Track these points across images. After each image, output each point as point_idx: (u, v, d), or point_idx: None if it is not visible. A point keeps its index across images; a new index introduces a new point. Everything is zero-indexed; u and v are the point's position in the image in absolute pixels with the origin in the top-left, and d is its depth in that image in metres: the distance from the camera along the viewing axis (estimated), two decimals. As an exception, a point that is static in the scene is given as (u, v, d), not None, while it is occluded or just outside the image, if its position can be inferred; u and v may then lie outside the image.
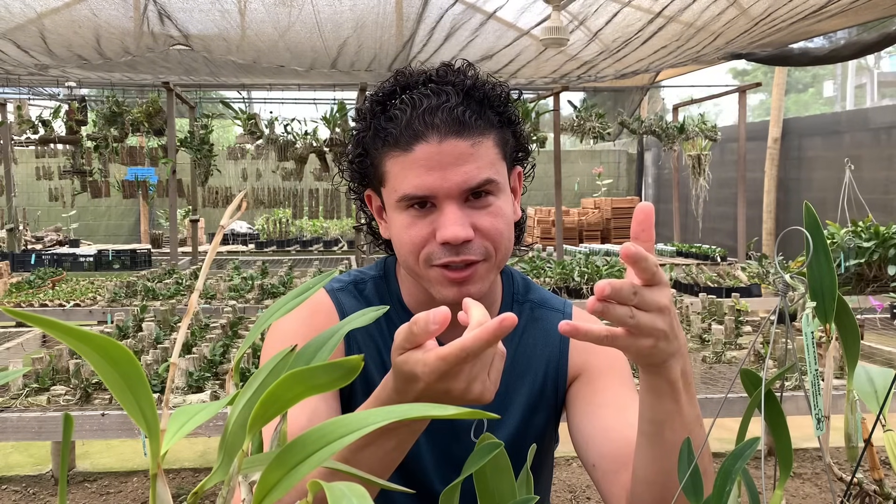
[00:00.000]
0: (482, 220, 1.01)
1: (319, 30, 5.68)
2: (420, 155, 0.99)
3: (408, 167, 1.00)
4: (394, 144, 1.01)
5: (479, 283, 1.04)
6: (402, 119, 1.00)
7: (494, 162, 1.03)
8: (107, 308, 4.55)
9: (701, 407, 2.87)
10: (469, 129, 1.00)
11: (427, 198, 1.00)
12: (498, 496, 0.72)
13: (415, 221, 1.02)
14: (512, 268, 1.26)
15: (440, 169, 0.99)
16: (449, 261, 1.01)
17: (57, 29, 5.58)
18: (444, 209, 1.00)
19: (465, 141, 1.00)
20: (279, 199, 8.46)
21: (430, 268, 1.03)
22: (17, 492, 3.58)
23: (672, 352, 0.81)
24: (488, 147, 1.03)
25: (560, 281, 5.13)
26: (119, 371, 0.47)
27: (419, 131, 0.99)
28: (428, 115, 0.99)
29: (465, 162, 0.99)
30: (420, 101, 1.00)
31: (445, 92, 1.01)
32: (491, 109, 1.05)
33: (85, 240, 10.71)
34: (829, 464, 0.86)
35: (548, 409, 1.18)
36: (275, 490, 0.49)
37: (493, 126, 1.04)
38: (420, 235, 1.01)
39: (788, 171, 9.27)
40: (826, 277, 0.83)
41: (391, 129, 1.01)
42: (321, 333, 0.65)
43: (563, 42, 4.53)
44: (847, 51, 5.80)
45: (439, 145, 0.99)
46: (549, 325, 1.19)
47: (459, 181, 0.99)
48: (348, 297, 1.16)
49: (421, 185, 0.99)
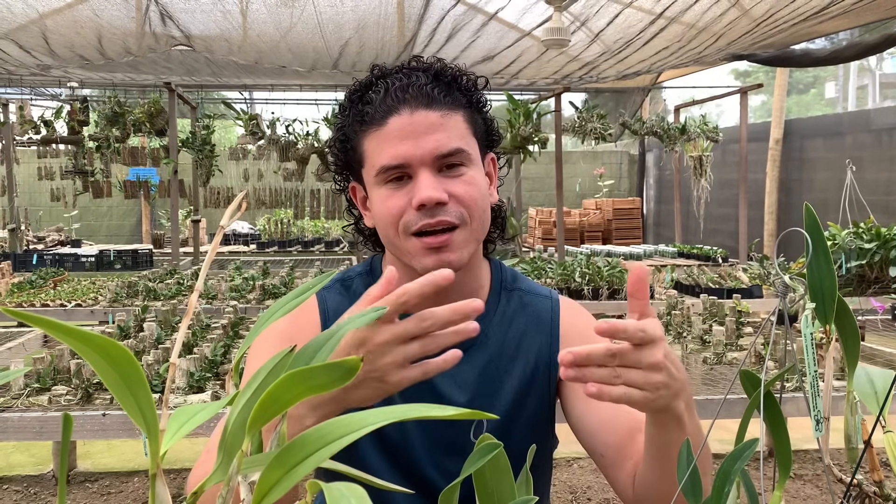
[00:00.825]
0: (456, 186, 1.07)
1: (321, 30, 5.68)
2: (393, 126, 1.06)
3: (383, 140, 1.07)
4: (370, 122, 1.09)
5: (457, 251, 1.07)
6: (377, 99, 1.08)
7: (464, 135, 1.10)
8: (108, 308, 4.55)
9: (701, 408, 2.84)
10: (438, 103, 1.08)
11: (402, 167, 1.06)
12: (497, 496, 0.72)
13: (392, 193, 1.07)
14: (500, 261, 1.30)
15: (413, 138, 1.05)
16: (425, 223, 1.05)
17: (59, 29, 5.59)
18: (419, 176, 1.05)
19: (435, 112, 1.07)
20: (280, 199, 8.47)
21: (409, 238, 1.07)
22: (19, 491, 3.58)
23: (674, 394, 0.83)
24: (457, 121, 1.10)
25: (561, 282, 5.14)
26: (119, 371, 0.47)
27: (391, 106, 1.07)
28: (399, 91, 1.07)
29: (435, 131, 1.06)
30: (393, 83, 1.09)
31: (416, 74, 1.10)
32: (459, 91, 1.12)
33: (86, 240, 10.72)
34: (828, 465, 0.86)
35: (540, 393, 1.19)
36: (274, 490, 0.49)
37: (461, 105, 1.12)
38: (398, 205, 1.06)
39: (790, 173, 9.27)
40: (826, 278, 0.83)
41: (367, 110, 1.09)
42: (320, 334, 0.65)
43: (565, 43, 4.53)
44: (849, 52, 5.79)
45: (411, 116, 1.06)
46: (538, 310, 1.23)
47: (431, 148, 1.05)
48: (333, 294, 1.21)
49: (396, 155, 1.05)
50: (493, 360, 1.18)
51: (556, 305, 1.24)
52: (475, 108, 1.15)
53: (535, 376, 1.19)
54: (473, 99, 1.14)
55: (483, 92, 1.18)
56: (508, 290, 1.24)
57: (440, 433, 1.15)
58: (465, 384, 1.16)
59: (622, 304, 4.94)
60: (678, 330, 3.72)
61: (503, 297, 1.22)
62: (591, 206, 12.17)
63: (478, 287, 1.20)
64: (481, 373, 1.17)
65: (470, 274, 1.17)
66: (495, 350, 1.18)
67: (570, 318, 1.23)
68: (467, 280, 1.17)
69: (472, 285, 1.18)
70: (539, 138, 6.57)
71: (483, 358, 1.17)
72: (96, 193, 7.98)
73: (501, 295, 1.22)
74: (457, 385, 1.16)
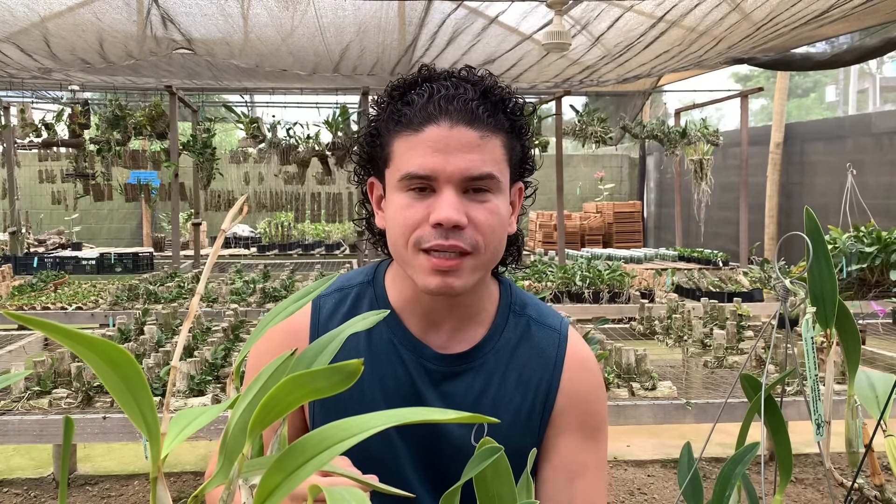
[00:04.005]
0: (478, 212, 1.02)
1: (322, 34, 5.69)
2: (429, 136, 1.01)
3: (415, 146, 1.02)
4: (406, 125, 1.04)
5: (463, 278, 1.02)
6: (419, 103, 1.03)
7: (499, 161, 1.05)
8: (109, 311, 4.55)
9: (702, 412, 2.84)
10: (480, 123, 1.02)
11: (428, 179, 1.01)
12: (498, 500, 0.72)
13: (412, 203, 1.03)
14: (511, 280, 1.25)
15: (446, 153, 1.00)
16: (437, 244, 1.00)
17: (60, 33, 5.60)
18: (443, 193, 1.01)
19: (475, 132, 1.02)
20: (281, 202, 8.48)
21: (417, 253, 1.03)
22: (19, 495, 3.58)
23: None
24: (496, 145, 1.04)
25: (562, 285, 5.14)
26: (120, 374, 0.47)
27: (432, 114, 1.02)
28: (444, 101, 1.02)
29: (471, 151, 1.01)
30: (438, 90, 1.03)
31: (464, 86, 1.04)
32: (504, 113, 1.06)
33: (87, 243, 10.72)
34: (829, 469, 0.85)
35: (532, 432, 1.14)
36: (275, 493, 0.49)
37: (503, 129, 1.06)
38: (415, 217, 1.02)
39: (790, 176, 9.27)
40: (826, 282, 0.83)
41: (406, 111, 1.04)
42: (322, 338, 0.65)
43: (566, 47, 4.54)
44: (849, 56, 5.79)
45: (449, 130, 1.01)
46: (543, 344, 1.16)
47: (463, 167, 1.00)
48: (329, 301, 1.17)
49: (425, 165, 1.01)
50: (489, 388, 1.12)
51: (564, 343, 1.17)
52: (516, 134, 1.09)
53: (531, 415, 1.13)
54: (517, 124, 1.09)
55: (526, 118, 1.12)
56: (517, 314, 1.18)
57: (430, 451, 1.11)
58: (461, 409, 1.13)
59: (623, 308, 4.94)
60: (679, 334, 3.72)
61: (511, 321, 1.16)
62: (592, 210, 12.17)
63: (480, 309, 1.15)
64: (476, 400, 1.11)
65: (473, 296, 1.12)
66: (494, 377, 1.13)
67: (575, 374, 1.15)
68: (470, 301, 1.12)
69: (474, 307, 1.14)
70: (540, 142, 6.58)
71: (478, 383, 1.12)
72: (97, 196, 7.98)
73: (509, 319, 1.16)
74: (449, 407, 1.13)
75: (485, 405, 1.11)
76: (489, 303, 1.16)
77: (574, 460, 1.11)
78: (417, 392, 1.10)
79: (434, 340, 1.13)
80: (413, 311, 1.12)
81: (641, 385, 2.82)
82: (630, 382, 2.84)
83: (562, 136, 7.63)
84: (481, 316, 1.15)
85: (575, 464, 1.11)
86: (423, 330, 1.12)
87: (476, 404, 1.11)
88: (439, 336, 1.13)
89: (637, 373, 2.89)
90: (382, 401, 1.10)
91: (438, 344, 1.12)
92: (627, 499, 3.57)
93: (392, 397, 1.09)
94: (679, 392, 2.83)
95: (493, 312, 1.16)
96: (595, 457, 1.13)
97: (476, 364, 1.12)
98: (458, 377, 1.12)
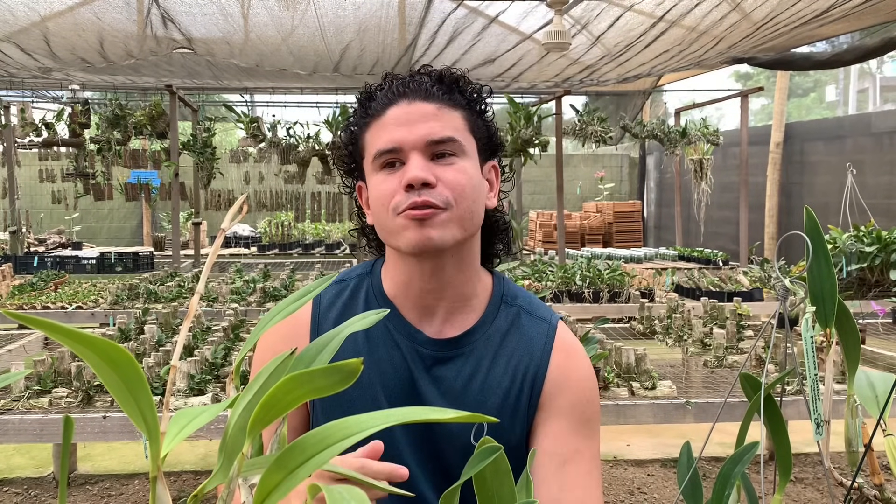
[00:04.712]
0: (445, 172, 1.09)
1: (322, 33, 5.69)
2: (391, 116, 1.11)
3: (381, 128, 1.12)
4: (372, 115, 1.14)
5: (439, 229, 1.07)
6: (380, 95, 1.15)
7: (459, 129, 1.13)
8: (109, 311, 4.55)
9: (702, 411, 2.84)
10: (436, 98, 1.12)
11: (395, 152, 1.10)
12: (498, 500, 0.72)
13: (386, 178, 1.11)
14: (504, 275, 1.29)
15: (407, 125, 1.10)
16: (411, 203, 1.06)
17: (60, 32, 5.60)
18: (410, 160, 1.09)
19: (432, 104, 1.12)
20: (281, 202, 8.48)
21: (396, 217, 1.09)
22: (19, 494, 3.58)
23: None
24: (454, 116, 1.13)
25: (562, 285, 5.14)
26: (120, 374, 0.47)
27: (391, 98, 1.13)
28: (401, 86, 1.13)
29: (429, 119, 1.10)
30: (397, 80, 1.15)
31: (420, 76, 1.16)
32: (460, 93, 1.16)
33: (87, 242, 10.73)
34: (829, 468, 0.86)
35: (519, 419, 1.16)
36: (275, 493, 0.49)
37: (459, 105, 1.15)
38: (390, 188, 1.09)
39: (791, 176, 9.27)
40: (826, 282, 0.83)
41: (371, 105, 1.15)
42: (321, 337, 0.65)
43: (566, 46, 4.54)
44: (849, 55, 5.79)
45: (408, 106, 1.11)
46: (532, 333, 1.19)
47: (423, 133, 1.09)
48: (329, 291, 1.22)
49: (390, 139, 1.10)
50: (478, 373, 1.15)
51: (553, 333, 1.20)
52: (475, 112, 1.17)
53: (519, 402, 1.15)
54: (473, 103, 1.17)
55: (486, 99, 1.20)
56: (508, 304, 1.21)
57: (431, 442, 1.14)
58: (449, 394, 1.14)
59: (623, 308, 4.94)
60: (679, 333, 3.72)
61: (502, 310, 1.20)
62: (592, 210, 12.17)
63: (472, 293, 1.18)
64: (465, 384, 1.14)
65: (462, 274, 1.15)
66: (483, 363, 1.16)
67: (562, 361, 1.18)
68: (460, 280, 1.15)
69: (464, 288, 1.17)
70: (540, 141, 6.57)
71: (468, 368, 1.15)
72: (97, 196, 7.98)
73: (500, 308, 1.20)
74: (440, 393, 1.14)
75: (473, 389, 1.15)
76: (482, 291, 1.21)
77: (565, 445, 1.12)
78: (411, 376, 1.14)
79: (428, 328, 1.17)
80: (406, 296, 1.17)
81: (641, 384, 2.82)
82: (630, 382, 2.84)
83: (562, 136, 7.63)
84: (473, 303, 1.19)
85: (566, 449, 1.12)
86: (418, 317, 1.17)
87: (465, 388, 1.15)
88: (432, 324, 1.17)
89: (637, 372, 2.89)
90: (379, 384, 1.14)
91: (432, 331, 1.17)
92: (627, 498, 3.57)
93: (388, 381, 1.14)
94: (679, 391, 2.83)
95: (486, 302, 1.21)
96: (588, 445, 1.13)
97: (466, 350, 1.16)
98: (449, 362, 1.16)
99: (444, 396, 1.14)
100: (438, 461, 1.14)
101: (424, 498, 1.13)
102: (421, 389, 1.14)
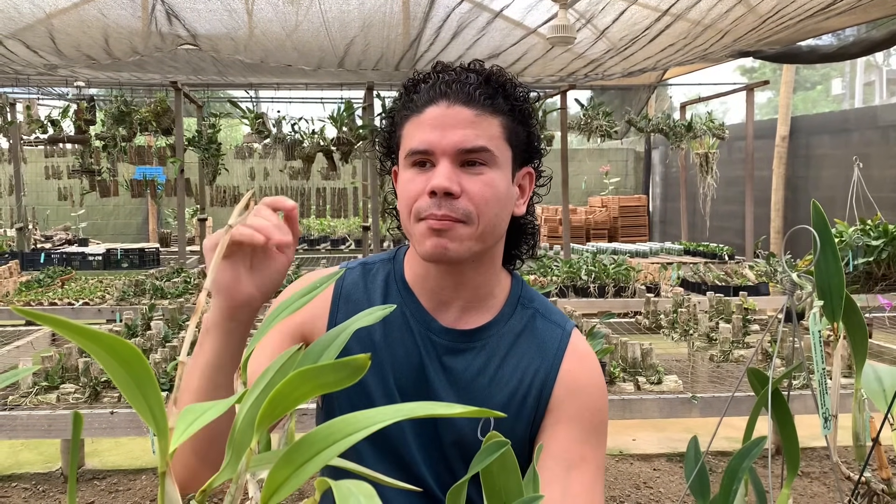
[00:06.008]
0: (471, 183, 1.08)
1: (327, 29, 5.69)
2: (429, 115, 1.10)
3: (417, 126, 1.11)
4: (412, 109, 1.13)
5: (456, 242, 1.07)
6: (424, 90, 1.13)
7: (495, 137, 1.10)
8: (115, 307, 4.57)
9: (708, 406, 2.83)
10: (476, 103, 1.09)
11: (426, 153, 1.09)
12: (505, 494, 0.72)
13: (414, 177, 1.10)
14: (524, 280, 1.29)
15: (442, 129, 1.08)
16: (432, 213, 1.06)
17: (65, 29, 5.61)
18: (438, 165, 1.08)
19: (471, 110, 1.09)
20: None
21: (417, 222, 1.09)
22: (27, 489, 3.60)
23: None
24: (492, 124, 1.10)
25: (567, 279, 5.13)
26: (128, 370, 0.47)
27: (433, 97, 1.11)
28: (444, 85, 1.11)
29: (465, 126, 1.08)
30: (443, 77, 1.12)
31: (468, 74, 1.13)
32: (504, 99, 1.12)
33: (93, 239, 10.76)
34: (836, 463, 0.85)
35: (525, 420, 1.16)
36: (283, 488, 0.49)
37: (501, 111, 1.12)
38: (415, 189, 1.09)
39: (796, 170, 9.24)
40: (834, 276, 0.83)
41: (414, 98, 1.14)
42: (329, 332, 0.65)
43: (570, 40, 4.52)
44: (855, 48, 5.77)
45: (447, 108, 1.09)
46: (545, 337, 1.20)
47: (456, 140, 1.07)
48: (353, 274, 1.24)
49: (423, 140, 1.09)
50: (488, 369, 1.16)
51: (566, 339, 1.19)
52: (517, 119, 1.14)
53: (525, 403, 1.15)
54: (518, 108, 1.14)
55: (532, 104, 1.18)
56: (525, 306, 1.22)
57: (436, 433, 1.15)
58: (457, 384, 1.15)
59: (629, 302, 4.94)
60: (684, 328, 3.71)
61: (518, 311, 1.21)
62: (597, 204, 12.15)
63: (489, 294, 1.19)
64: (473, 377, 1.15)
65: (481, 276, 1.16)
66: (493, 359, 1.17)
67: (574, 366, 1.18)
68: (478, 282, 1.16)
69: (482, 289, 1.17)
70: (545, 136, 6.56)
71: (478, 362, 1.16)
72: (103, 192, 8.00)
73: (517, 309, 1.21)
74: (448, 382, 1.15)
75: (481, 383, 1.16)
76: (500, 292, 1.21)
77: (571, 451, 1.12)
78: (421, 362, 1.16)
79: (443, 318, 1.18)
80: (423, 286, 1.18)
81: (647, 379, 2.82)
82: (636, 376, 2.84)
83: (567, 131, 7.62)
84: (490, 302, 1.19)
85: (572, 454, 1.12)
86: (434, 307, 1.18)
87: (472, 381, 1.15)
88: (448, 315, 1.18)
89: (643, 367, 2.89)
90: (390, 367, 1.16)
91: (447, 321, 1.18)
92: (633, 492, 3.57)
93: (400, 364, 1.15)
94: (685, 386, 2.82)
95: (503, 302, 1.21)
96: (594, 455, 1.14)
97: (478, 344, 1.17)
98: (461, 353, 1.16)
99: (452, 386, 1.15)
100: (442, 453, 1.15)
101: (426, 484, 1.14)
102: (430, 377, 1.15)
